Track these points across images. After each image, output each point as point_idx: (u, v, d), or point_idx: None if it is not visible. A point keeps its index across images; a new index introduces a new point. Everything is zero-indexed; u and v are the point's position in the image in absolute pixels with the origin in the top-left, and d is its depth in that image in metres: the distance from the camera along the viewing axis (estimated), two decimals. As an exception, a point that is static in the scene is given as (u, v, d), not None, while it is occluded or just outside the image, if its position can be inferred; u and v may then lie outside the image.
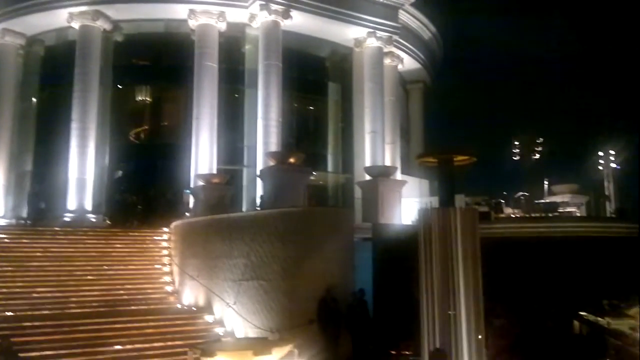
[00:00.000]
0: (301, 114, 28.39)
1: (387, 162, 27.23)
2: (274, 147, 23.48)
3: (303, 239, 15.10)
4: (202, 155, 23.84)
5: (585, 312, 16.00)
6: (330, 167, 27.94)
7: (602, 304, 16.34)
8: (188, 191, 23.56)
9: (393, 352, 13.83)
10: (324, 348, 13.76)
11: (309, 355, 12.04)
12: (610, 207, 30.48)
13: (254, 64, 25.68)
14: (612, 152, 33.12)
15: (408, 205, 24.24)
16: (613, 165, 32.57)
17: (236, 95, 26.38)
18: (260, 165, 23.28)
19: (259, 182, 22.48)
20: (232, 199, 23.09)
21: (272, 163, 20.39)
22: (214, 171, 23.69)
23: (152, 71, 26.93)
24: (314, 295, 14.31)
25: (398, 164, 28.20)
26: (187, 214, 22.18)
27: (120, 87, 26.30)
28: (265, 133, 24.03)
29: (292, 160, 19.79)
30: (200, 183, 22.00)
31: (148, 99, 26.76)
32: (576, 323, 16.31)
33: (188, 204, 23.24)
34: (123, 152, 25.79)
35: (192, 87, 24.57)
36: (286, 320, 14.29)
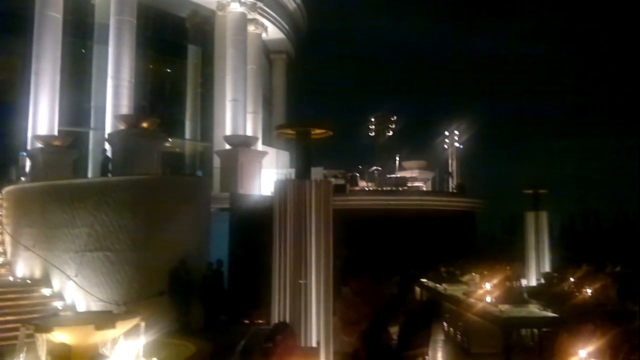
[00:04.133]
0: (157, 76, 26.79)
1: (249, 132, 26.87)
2: (125, 109, 21.94)
3: (155, 208, 14.53)
4: (42, 115, 21.57)
5: (426, 278, 17.20)
6: (188, 134, 26.94)
7: (440, 272, 17.67)
8: (24, 153, 21.35)
9: (246, 322, 13.82)
10: (175, 320, 13.43)
11: (158, 327, 11.53)
12: (452, 183, 33.02)
13: (105, 18, 23.61)
14: (456, 132, 35.84)
15: (268, 176, 24.26)
16: (456, 144, 35.26)
17: (83, 51, 24.20)
18: (109, 129, 21.70)
19: (107, 146, 20.98)
20: (76, 163, 21.46)
21: (122, 127, 19.15)
22: (55, 133, 21.59)
23: (-17, 17, 23.63)
24: (165, 266, 13.89)
25: (259, 135, 27.97)
26: (22, 178, 20.14)
27: (-59, 32, 22.86)
28: (115, 94, 22.34)
29: (145, 124, 18.71)
30: (39, 145, 20.12)
31: (-23, 49, 23.61)
32: (418, 289, 17.53)
33: (24, 167, 21.08)
34: (-55, 107, 22.59)
35: (32, 38, 21.99)
36: (134, 292, 13.82)
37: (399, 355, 7.02)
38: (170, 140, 23.03)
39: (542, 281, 16.53)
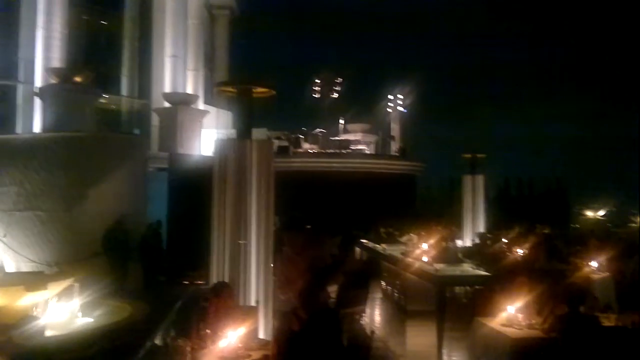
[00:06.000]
0: (92, 28, 25.27)
1: (189, 90, 26.07)
2: (56, 62, 20.75)
3: (89, 167, 13.99)
4: (-35, 66, 20.23)
5: (366, 239, 17.51)
6: (124, 91, 25.82)
7: (380, 232, 18.03)
8: (-55, 107, 20.03)
9: (186, 282, 13.70)
10: (112, 281, 13.13)
11: (94, 289, 11.29)
12: (394, 147, 33.48)
13: (35, -37, 22.04)
14: (400, 96, 36.17)
15: (209, 136, 23.77)
16: (400, 108, 35.63)
17: (11, -1, 22.59)
18: (39, 82, 20.53)
19: (37, 101, 19.91)
20: (3, 118, 20.30)
21: (54, 81, 18.20)
22: (-20, 85, 20.33)
23: None
24: (101, 226, 13.49)
25: (200, 93, 27.20)
26: (-56, 133, 18.88)
27: None
28: (46, 46, 21.04)
29: (78, 79, 17.88)
30: (-38, 98, 18.87)
31: None
32: (358, 250, 17.86)
33: (-55, 122, 19.83)
34: None
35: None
36: (67, 253, 13.37)
37: (336, 313, 7.12)
38: (106, 96, 22.10)
39: (477, 241, 17.18)
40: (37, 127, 20.23)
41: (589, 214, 52.37)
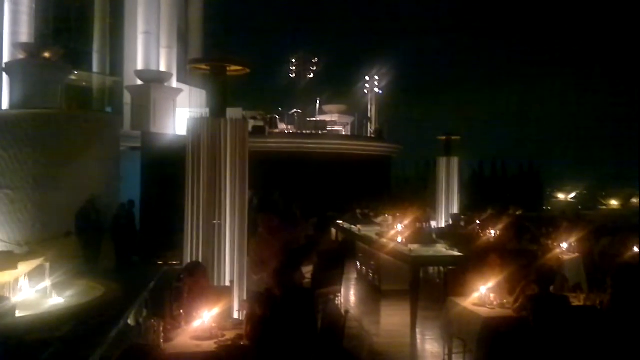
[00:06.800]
0: (61, 2, 24.60)
1: (162, 68, 25.59)
2: (24, 37, 20.14)
3: (59, 145, 13.94)
4: None
5: (342, 220, 17.56)
6: (95, 68, 25.19)
7: (356, 213, 18.08)
8: None
9: (159, 262, 13.61)
10: (84, 261, 13.02)
11: (66, 269, 11.15)
12: (370, 128, 33.45)
13: None
14: (376, 77, 36.06)
15: (184, 114, 23.43)
16: (376, 90, 35.54)
17: (-25, -29, 21.70)
18: (6, 58, 19.93)
19: (5, 77, 19.36)
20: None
21: (22, 56, 17.68)
22: (-55, 61, 19.64)
23: None
24: (72, 205, 13.40)
25: (174, 71, 26.73)
26: None
27: None
28: (13, 20, 20.35)
29: (47, 54, 17.41)
30: None
31: None
32: (334, 230, 17.91)
33: None
34: None
35: None
36: (38, 232, 13.40)
37: (311, 294, 7.13)
38: (76, 72, 21.55)
39: (451, 223, 17.36)
40: (5, 103, 19.69)
41: (561, 196, 53.47)
